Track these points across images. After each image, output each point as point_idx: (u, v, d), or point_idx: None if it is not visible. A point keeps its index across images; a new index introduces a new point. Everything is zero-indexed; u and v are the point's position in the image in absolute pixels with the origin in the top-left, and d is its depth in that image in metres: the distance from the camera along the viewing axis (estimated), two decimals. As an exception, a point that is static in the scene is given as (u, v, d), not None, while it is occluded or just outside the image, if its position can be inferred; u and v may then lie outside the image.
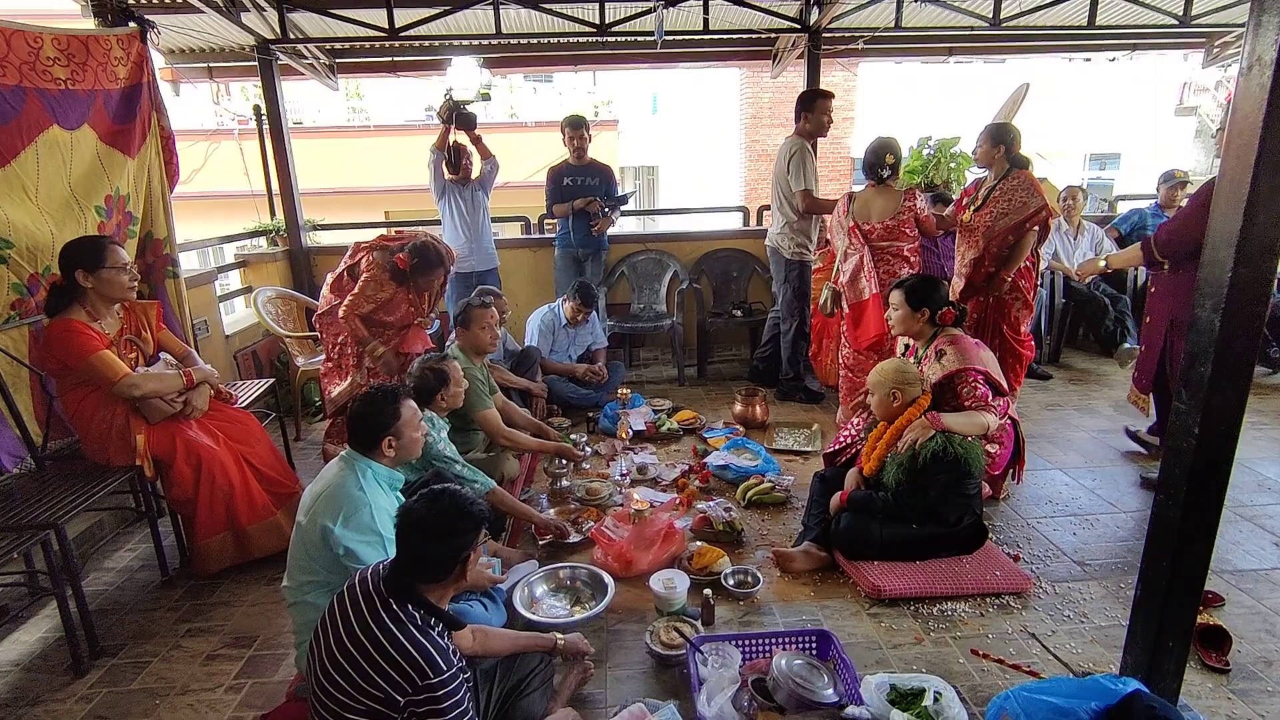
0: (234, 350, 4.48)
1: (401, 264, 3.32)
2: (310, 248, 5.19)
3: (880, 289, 3.62)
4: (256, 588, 2.69)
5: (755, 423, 4.02)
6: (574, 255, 4.82)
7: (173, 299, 3.40)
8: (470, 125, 4.42)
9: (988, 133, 3.59)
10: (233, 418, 2.92)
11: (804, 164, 4.15)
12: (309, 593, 1.96)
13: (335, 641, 1.55)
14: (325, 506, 1.96)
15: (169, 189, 3.36)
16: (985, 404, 2.65)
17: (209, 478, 2.66)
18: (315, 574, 1.96)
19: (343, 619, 1.57)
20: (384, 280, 3.34)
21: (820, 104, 4.14)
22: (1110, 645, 2.21)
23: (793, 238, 4.28)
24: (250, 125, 5.36)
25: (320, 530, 1.93)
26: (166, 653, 2.35)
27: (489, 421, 3.12)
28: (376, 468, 2.06)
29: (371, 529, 1.93)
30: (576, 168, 4.71)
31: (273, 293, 4.31)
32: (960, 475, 2.51)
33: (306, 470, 3.63)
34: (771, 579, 2.60)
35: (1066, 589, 2.51)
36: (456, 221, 4.57)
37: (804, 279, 4.34)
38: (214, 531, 2.70)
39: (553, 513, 3.02)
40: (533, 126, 11.96)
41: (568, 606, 2.42)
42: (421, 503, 1.61)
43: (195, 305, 3.94)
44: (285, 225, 5.10)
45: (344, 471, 2.03)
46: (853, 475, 2.77)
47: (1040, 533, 2.90)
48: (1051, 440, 3.80)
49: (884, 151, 3.70)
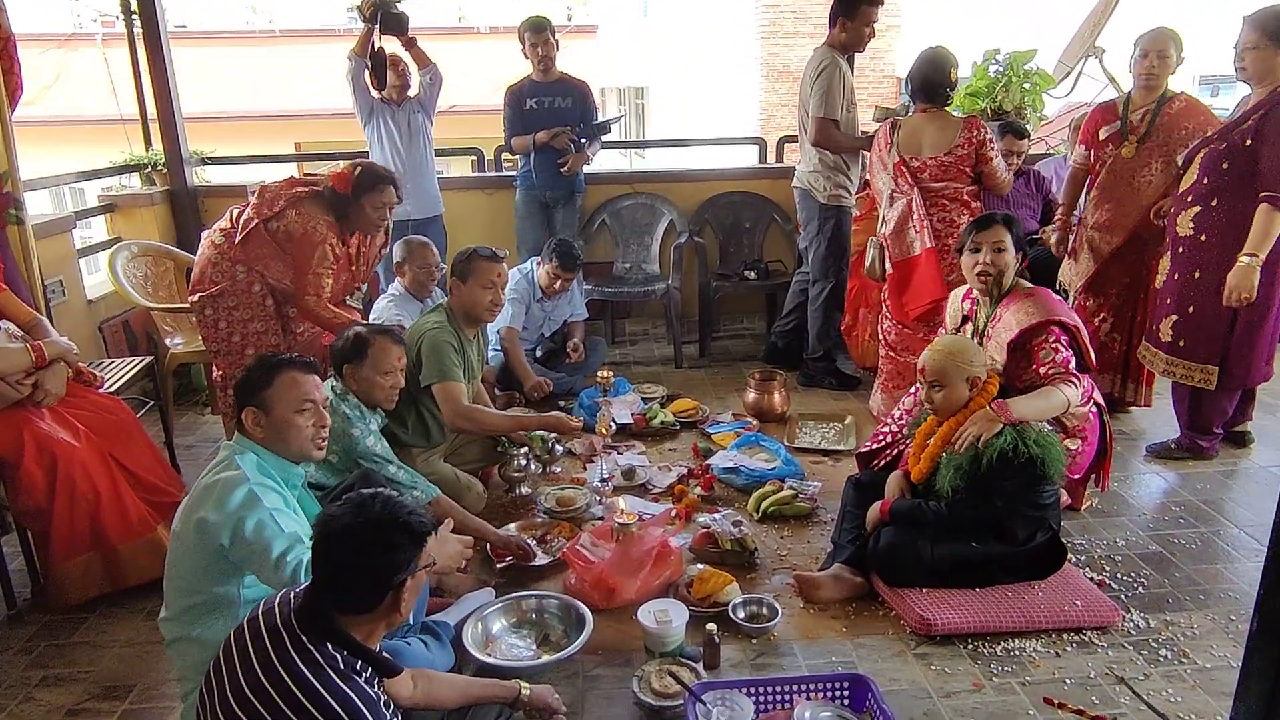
0: (99, 319, 4.42)
1: (341, 183, 3.20)
2: (198, 188, 5.12)
3: (934, 241, 3.62)
4: (132, 623, 2.66)
5: (773, 414, 4.03)
6: (540, 200, 4.78)
7: (16, 251, 3.32)
8: (401, 29, 4.35)
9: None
10: (98, 406, 2.87)
11: (830, 84, 4.11)
12: (194, 624, 1.96)
13: (233, 690, 1.53)
14: (195, 499, 1.96)
15: (9, 108, 3.28)
16: (1067, 371, 2.67)
17: (67, 483, 2.62)
18: (199, 593, 1.95)
19: (242, 661, 1.56)
20: (328, 235, 3.22)
21: (864, 11, 4.08)
22: (1217, 692, 2.23)
23: (829, 176, 4.26)
24: (119, 28, 5.24)
25: (192, 529, 1.93)
26: (15, 707, 2.31)
27: (448, 394, 3.07)
28: (266, 455, 2.07)
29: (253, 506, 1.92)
30: (542, 85, 4.66)
31: (137, 249, 4.21)
32: (1034, 480, 2.52)
33: (195, 475, 3.55)
34: (793, 610, 2.60)
35: (1163, 622, 2.53)
36: (389, 154, 4.52)
37: (842, 229, 4.34)
38: (76, 552, 2.67)
39: (514, 528, 3.02)
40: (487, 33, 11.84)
41: (533, 646, 2.42)
42: (346, 509, 1.59)
43: (47, 260, 3.86)
44: (165, 159, 5.01)
45: (220, 458, 2.05)
46: (896, 480, 2.78)
47: (1130, 552, 2.92)
48: (1146, 437, 3.83)
49: (946, 65, 3.66)
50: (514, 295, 4.28)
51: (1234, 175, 3.21)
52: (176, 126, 4.94)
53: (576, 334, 4.56)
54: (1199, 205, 3.32)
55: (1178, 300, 3.43)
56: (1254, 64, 3.16)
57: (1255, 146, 3.14)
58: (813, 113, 4.17)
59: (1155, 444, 3.69)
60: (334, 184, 3.24)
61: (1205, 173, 3.30)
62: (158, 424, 3.81)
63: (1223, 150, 3.25)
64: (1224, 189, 3.25)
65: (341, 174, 3.24)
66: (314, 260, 3.22)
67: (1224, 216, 3.25)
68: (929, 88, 3.71)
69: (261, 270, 3.25)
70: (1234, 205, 3.21)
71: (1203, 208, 3.32)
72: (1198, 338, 3.39)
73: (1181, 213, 3.40)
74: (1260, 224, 3.10)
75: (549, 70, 4.62)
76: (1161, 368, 3.52)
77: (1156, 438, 3.77)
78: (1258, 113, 3.15)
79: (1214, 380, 3.37)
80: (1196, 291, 3.36)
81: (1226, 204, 3.24)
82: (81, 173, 4.94)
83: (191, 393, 4.63)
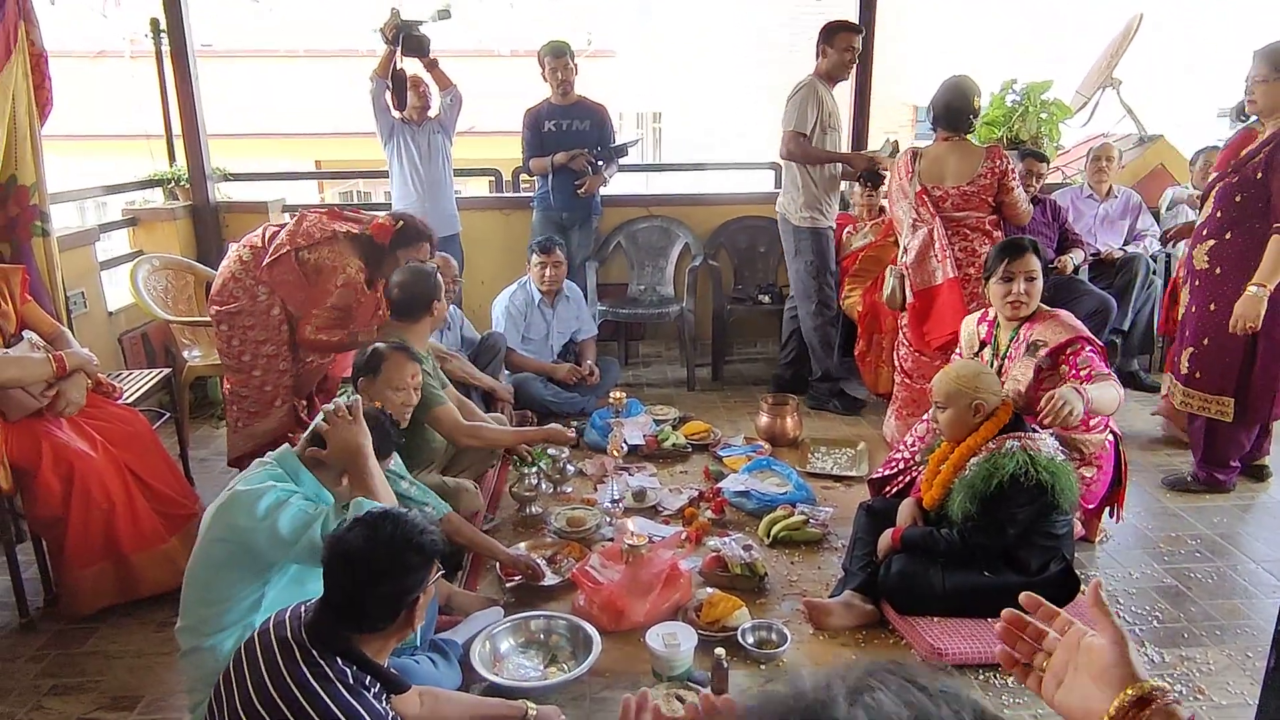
0: (120, 331, 4.47)
1: (381, 234, 3.23)
2: (219, 204, 5.19)
3: (957, 271, 3.63)
4: (143, 634, 2.68)
5: (785, 439, 4.03)
6: (557, 221, 4.83)
7: (41, 263, 3.38)
8: (423, 51, 4.43)
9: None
10: (115, 417, 2.90)
11: (803, 103, 4.21)
12: (209, 633, 1.97)
13: (242, 702, 1.55)
14: (223, 508, 1.94)
15: (39, 122, 3.35)
16: (1108, 373, 2.71)
17: (83, 492, 2.65)
18: (219, 602, 1.95)
19: (251, 673, 1.57)
20: (356, 279, 3.20)
21: (842, 37, 4.20)
22: (1233, 730, 2.21)
23: (798, 198, 4.33)
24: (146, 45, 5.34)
25: (218, 538, 1.92)
26: (24, 715, 2.33)
27: (444, 420, 3.09)
28: (306, 476, 2.07)
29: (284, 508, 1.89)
30: (560, 108, 4.72)
31: (159, 262, 4.28)
32: (1045, 509, 2.51)
33: (210, 487, 3.61)
34: (802, 637, 2.60)
35: (1178, 657, 2.52)
36: (408, 173, 4.58)
37: (816, 249, 4.38)
38: (89, 561, 2.69)
39: (524, 547, 3.02)
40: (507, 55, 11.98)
41: (540, 667, 2.42)
42: (358, 531, 1.61)
43: (70, 273, 3.92)
44: (188, 174, 5.08)
45: (262, 468, 2.04)
46: (908, 507, 2.77)
47: (1145, 586, 2.90)
48: (1162, 468, 3.81)
49: (970, 94, 3.69)
50: (511, 311, 4.40)
51: (1247, 208, 3.22)
52: (200, 143, 5.01)
53: (589, 355, 4.59)
54: (1214, 239, 3.34)
55: (1195, 333, 3.45)
56: (1264, 97, 3.18)
57: (1267, 178, 3.16)
58: (783, 126, 4.24)
59: (1171, 477, 3.67)
60: (374, 233, 3.27)
61: (1219, 206, 3.32)
62: (173, 436, 3.84)
63: (1235, 183, 3.26)
64: (1237, 222, 3.26)
65: (383, 225, 3.27)
66: (333, 296, 3.22)
67: (1238, 249, 3.26)
68: (952, 116, 3.72)
69: (283, 296, 3.26)
70: (1248, 238, 3.22)
71: (1217, 241, 3.33)
72: (1213, 370, 3.40)
73: (1198, 245, 3.42)
74: (1272, 255, 3.11)
75: (567, 94, 4.68)
76: (1179, 399, 3.54)
77: (1171, 470, 3.75)
78: (1269, 145, 3.17)
79: (1230, 412, 3.37)
80: (1211, 324, 3.36)
81: (1240, 237, 3.25)
82: (106, 187, 5.02)
83: (208, 406, 4.67)
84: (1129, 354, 4.92)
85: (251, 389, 3.30)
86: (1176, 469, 3.76)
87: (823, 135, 4.25)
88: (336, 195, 11.00)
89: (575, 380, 4.40)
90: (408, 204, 4.57)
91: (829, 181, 4.36)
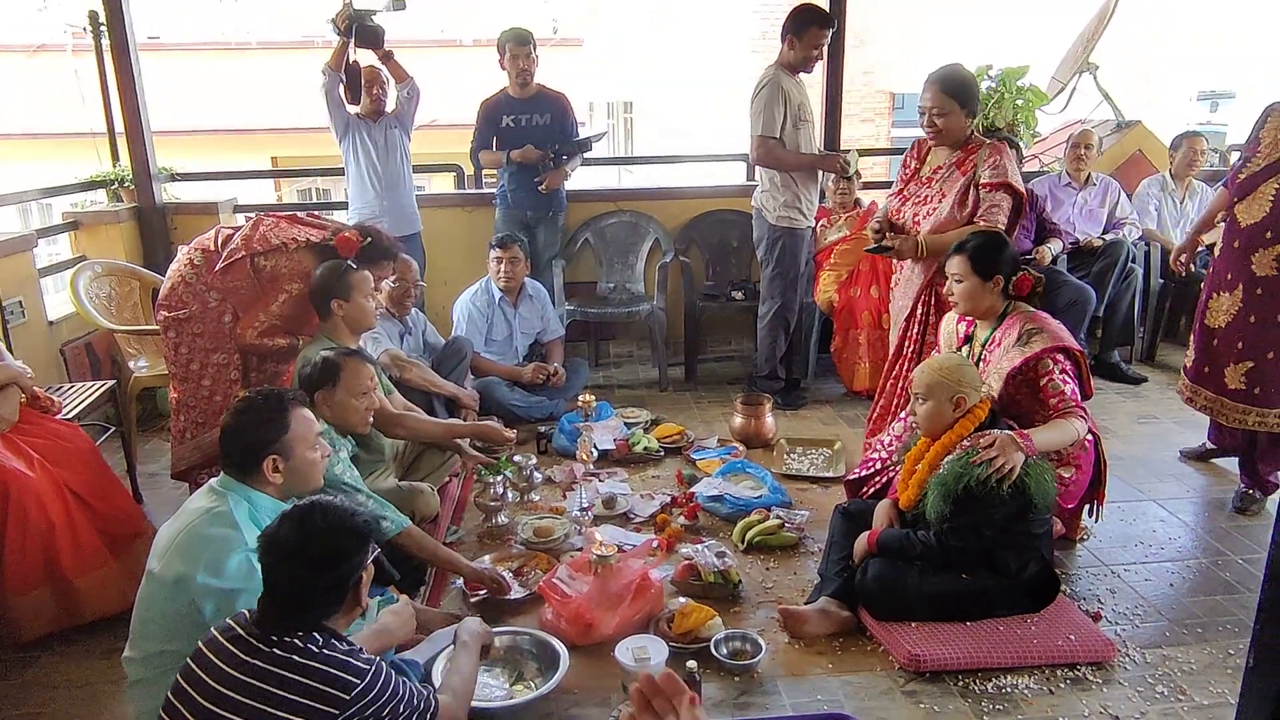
0: (61, 342, 4.38)
1: (346, 248, 3.16)
2: (167, 205, 5.10)
3: None
4: (88, 662, 2.63)
5: (760, 440, 4.03)
6: (520, 218, 4.79)
7: (-27, 272, 3.32)
8: (376, 42, 4.38)
9: None
10: (53, 433, 2.85)
11: (768, 102, 4.14)
12: (161, 668, 1.93)
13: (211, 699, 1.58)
14: (184, 549, 1.95)
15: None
16: (1076, 405, 2.70)
17: (19, 513, 2.59)
18: (172, 641, 1.93)
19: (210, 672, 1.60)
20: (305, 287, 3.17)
21: (812, 32, 4.10)
22: (1215, 731, 2.23)
23: (777, 196, 4.29)
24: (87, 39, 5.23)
25: (174, 580, 1.92)
26: (-41, 752, 2.29)
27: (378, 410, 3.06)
28: (258, 499, 2.06)
29: (250, 578, 1.91)
30: (519, 102, 4.66)
31: (101, 268, 4.19)
32: (1022, 508, 2.52)
33: (159, 505, 3.57)
34: (778, 646, 2.60)
35: (1160, 657, 2.54)
36: (365, 170, 4.52)
37: (789, 251, 4.34)
38: (28, 586, 2.63)
39: (489, 560, 3.00)
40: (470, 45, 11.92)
41: (506, 685, 2.40)
42: (288, 526, 1.66)
43: (7, 280, 3.84)
44: (133, 174, 4.99)
45: (213, 504, 2.02)
46: (884, 509, 2.78)
47: (1127, 584, 2.92)
48: (1143, 463, 3.85)
49: (973, 82, 3.64)
50: (473, 313, 4.39)
51: None
52: (145, 141, 4.92)
53: (556, 356, 4.56)
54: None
55: (1253, 344, 3.24)
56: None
57: None
58: (751, 131, 4.21)
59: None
60: (338, 245, 3.18)
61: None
62: (120, 451, 3.77)
63: None
64: None
65: (349, 239, 3.18)
66: (279, 301, 3.18)
67: None
68: None
69: (235, 304, 3.20)
70: None
71: None
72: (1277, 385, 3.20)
73: (1259, 250, 3.18)
74: None
75: (526, 84, 4.63)
76: (1234, 417, 3.33)
77: (1153, 465, 3.79)
78: None
79: None
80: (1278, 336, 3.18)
81: None
82: (45, 189, 4.92)
83: (156, 418, 4.59)
84: (1108, 345, 4.98)
85: (200, 399, 3.25)
86: (1155, 464, 3.79)
87: (795, 131, 4.21)
88: (295, 193, 10.89)
89: (541, 379, 4.37)
90: (365, 202, 4.52)
91: (809, 175, 4.33)
